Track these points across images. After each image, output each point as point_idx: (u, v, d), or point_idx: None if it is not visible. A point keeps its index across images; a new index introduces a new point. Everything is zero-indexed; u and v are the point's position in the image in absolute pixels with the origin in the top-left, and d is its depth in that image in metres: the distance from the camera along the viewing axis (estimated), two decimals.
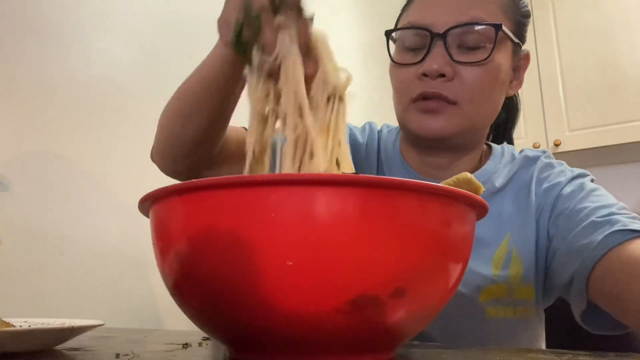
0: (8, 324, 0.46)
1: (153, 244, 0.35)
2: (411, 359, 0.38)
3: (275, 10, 0.43)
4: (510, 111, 0.83)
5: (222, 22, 0.48)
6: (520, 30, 0.70)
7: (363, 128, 0.83)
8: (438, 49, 0.64)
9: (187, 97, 0.59)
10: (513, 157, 0.75)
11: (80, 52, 0.98)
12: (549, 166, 0.72)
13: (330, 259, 0.29)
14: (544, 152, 0.75)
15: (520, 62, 0.71)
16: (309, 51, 0.44)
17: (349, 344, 0.32)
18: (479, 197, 0.34)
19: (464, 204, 0.34)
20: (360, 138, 0.79)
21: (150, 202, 0.35)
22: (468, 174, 0.39)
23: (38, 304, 0.84)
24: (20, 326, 0.47)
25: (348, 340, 0.31)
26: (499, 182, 0.71)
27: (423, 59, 0.65)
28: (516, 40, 0.68)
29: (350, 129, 0.80)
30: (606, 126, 2.26)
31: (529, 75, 2.44)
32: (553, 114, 2.38)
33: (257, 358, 0.33)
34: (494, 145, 0.78)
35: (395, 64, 0.69)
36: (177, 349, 0.45)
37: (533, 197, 0.69)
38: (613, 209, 0.60)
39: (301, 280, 0.29)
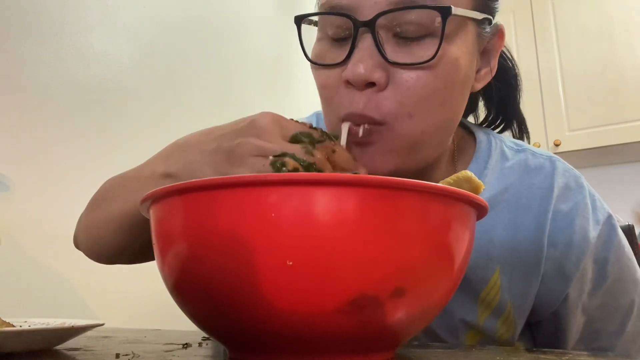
0: (8, 324, 0.46)
1: (153, 244, 0.35)
2: (411, 359, 0.38)
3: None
4: (504, 82, 0.65)
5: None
6: (484, 1, 0.51)
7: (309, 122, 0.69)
8: (365, 43, 0.46)
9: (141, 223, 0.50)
10: (504, 158, 0.59)
11: (80, 52, 0.98)
12: (567, 189, 0.56)
13: (330, 259, 0.29)
14: (550, 158, 0.59)
15: (490, 42, 0.53)
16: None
17: (349, 344, 0.32)
18: (479, 197, 0.34)
19: (464, 204, 0.34)
20: None
21: (150, 202, 0.35)
22: (468, 172, 0.39)
23: (38, 304, 0.84)
24: (20, 326, 0.47)
25: (348, 340, 0.31)
26: (486, 193, 0.55)
27: (348, 57, 0.47)
28: (480, 17, 0.49)
29: None
30: (606, 126, 2.27)
31: (529, 75, 2.47)
32: (553, 114, 2.38)
33: (257, 358, 0.33)
34: (478, 134, 0.61)
35: (312, 63, 0.51)
36: (177, 349, 0.45)
37: (547, 229, 0.55)
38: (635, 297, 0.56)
39: (301, 280, 0.29)
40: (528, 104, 2.44)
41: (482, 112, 0.69)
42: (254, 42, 1.49)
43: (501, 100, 0.66)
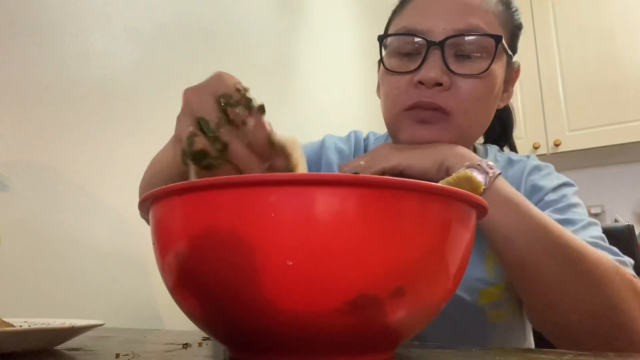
0: (8, 324, 0.46)
1: (153, 244, 0.35)
2: (411, 359, 0.38)
3: (224, 111, 0.41)
4: (506, 117, 0.83)
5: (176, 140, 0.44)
6: (513, 42, 0.69)
7: (348, 137, 0.82)
8: (435, 57, 0.63)
9: (158, 180, 0.56)
10: (495, 159, 0.76)
11: (80, 52, 0.98)
12: (537, 169, 0.72)
13: (330, 258, 0.29)
14: (528, 156, 0.75)
15: (512, 74, 0.72)
16: (272, 145, 0.41)
17: (349, 344, 0.32)
18: (479, 197, 0.34)
19: (464, 204, 0.34)
20: (346, 149, 0.79)
21: (150, 202, 0.35)
22: (468, 172, 0.39)
23: (38, 304, 0.84)
24: (20, 326, 0.47)
25: (348, 340, 0.31)
26: None
27: (419, 67, 0.63)
28: (510, 53, 0.68)
29: (335, 142, 0.79)
30: (606, 126, 2.26)
31: (529, 75, 2.46)
32: (553, 114, 2.38)
33: (257, 358, 0.33)
34: (476, 145, 0.78)
35: (388, 71, 0.67)
36: (177, 349, 0.45)
37: (522, 192, 0.68)
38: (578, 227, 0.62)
39: (301, 280, 0.29)
40: (528, 104, 2.45)
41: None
42: (254, 42, 1.49)
43: (501, 128, 0.85)
